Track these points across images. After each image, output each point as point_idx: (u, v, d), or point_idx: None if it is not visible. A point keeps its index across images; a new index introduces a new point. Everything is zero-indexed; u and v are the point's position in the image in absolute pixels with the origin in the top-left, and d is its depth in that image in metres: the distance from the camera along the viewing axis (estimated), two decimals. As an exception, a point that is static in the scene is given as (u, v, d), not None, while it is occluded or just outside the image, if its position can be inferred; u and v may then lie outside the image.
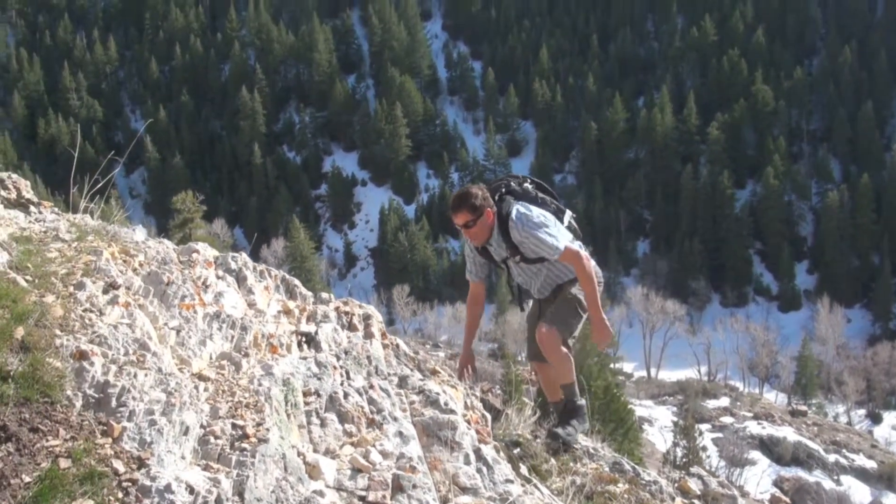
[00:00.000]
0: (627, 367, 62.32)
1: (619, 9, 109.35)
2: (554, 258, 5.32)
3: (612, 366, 33.88)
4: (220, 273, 4.12)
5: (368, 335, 4.44)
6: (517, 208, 5.37)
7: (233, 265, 4.28)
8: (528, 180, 5.81)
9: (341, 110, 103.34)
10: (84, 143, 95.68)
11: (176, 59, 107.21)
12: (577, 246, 5.37)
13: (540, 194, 5.75)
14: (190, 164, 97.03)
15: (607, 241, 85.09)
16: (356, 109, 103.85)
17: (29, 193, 6.01)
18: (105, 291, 3.50)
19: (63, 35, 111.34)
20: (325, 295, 4.72)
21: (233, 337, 3.69)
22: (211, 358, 3.56)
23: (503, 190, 5.61)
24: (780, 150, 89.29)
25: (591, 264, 5.37)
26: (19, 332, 3.01)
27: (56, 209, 5.78)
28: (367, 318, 4.58)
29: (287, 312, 4.24)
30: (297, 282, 4.59)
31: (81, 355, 3.04)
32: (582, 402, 5.72)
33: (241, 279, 4.20)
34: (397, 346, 4.63)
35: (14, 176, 6.15)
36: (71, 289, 3.45)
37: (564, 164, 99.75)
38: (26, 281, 3.46)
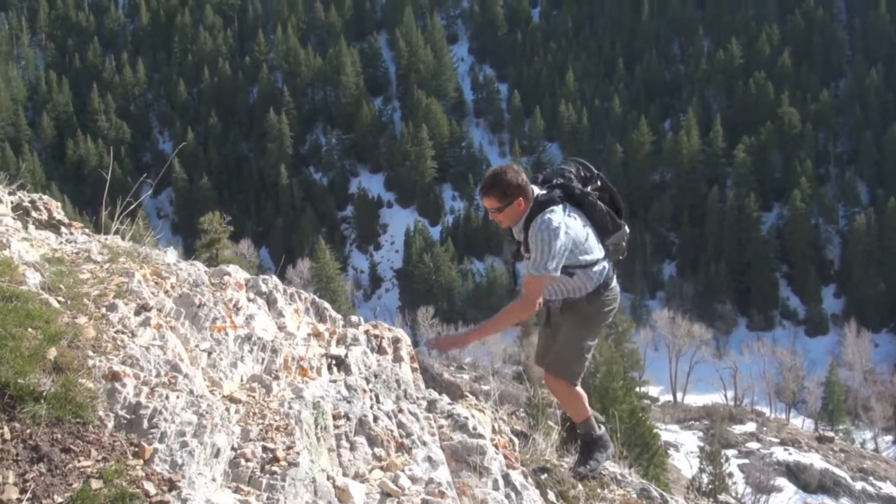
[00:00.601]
0: (653, 390, 61.85)
1: (645, 32, 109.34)
2: (527, 270, 4.92)
3: (637, 389, 33.71)
4: (251, 296, 4.14)
5: (398, 359, 4.44)
6: (553, 211, 4.91)
7: (263, 288, 4.30)
8: (599, 181, 5.36)
9: (368, 132, 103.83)
10: (112, 163, 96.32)
11: (204, 81, 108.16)
12: (542, 291, 4.89)
13: (601, 205, 5.30)
14: (217, 184, 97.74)
15: (633, 263, 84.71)
16: (382, 131, 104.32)
17: (60, 215, 6.07)
18: (137, 313, 3.52)
19: (92, 58, 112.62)
20: (354, 318, 4.72)
21: (263, 359, 3.70)
22: (242, 380, 3.57)
23: (560, 181, 5.18)
24: (806, 173, 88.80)
25: (520, 315, 4.95)
26: (52, 352, 3.03)
27: (87, 230, 5.83)
28: (396, 342, 4.58)
29: (317, 335, 4.25)
30: (326, 305, 4.60)
31: (114, 376, 3.06)
32: (601, 432, 5.47)
33: (271, 302, 4.22)
34: (425, 369, 4.62)
35: (45, 197, 6.21)
36: (103, 310, 3.47)
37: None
38: (59, 302, 3.49)
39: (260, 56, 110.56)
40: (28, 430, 2.80)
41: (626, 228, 5.46)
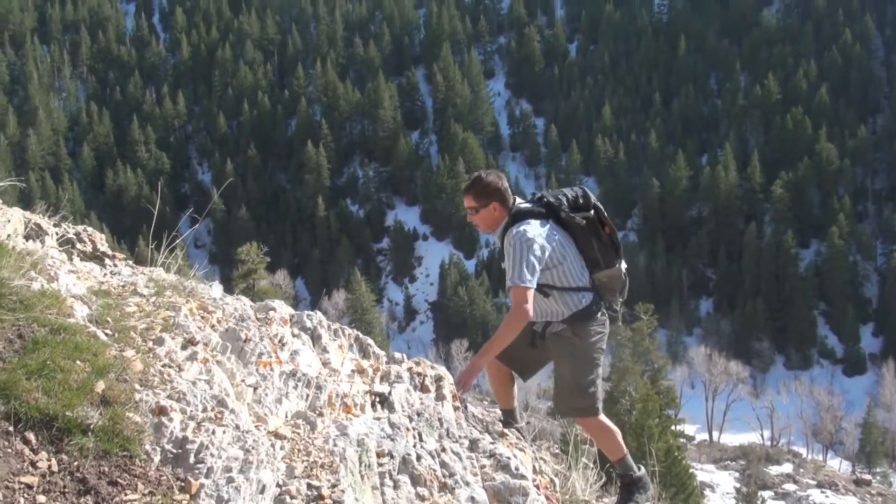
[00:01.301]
0: (689, 429, 61.06)
1: (681, 67, 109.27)
2: (507, 283, 4.81)
3: (673, 428, 33.39)
4: (296, 331, 4.16)
5: (440, 397, 4.44)
6: (529, 223, 4.87)
7: (308, 323, 4.32)
8: (592, 211, 5.18)
9: (404, 165, 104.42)
10: (151, 193, 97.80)
11: (244, 114, 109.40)
12: (528, 299, 4.70)
13: (591, 240, 5.15)
14: (255, 216, 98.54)
15: (670, 299, 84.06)
16: (419, 164, 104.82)
17: (104, 246, 6.15)
18: (184, 347, 3.55)
19: (133, 90, 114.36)
20: (398, 355, 4.72)
21: (308, 395, 3.71)
22: (287, 416, 3.58)
23: (542, 209, 5.04)
24: (844, 210, 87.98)
25: (522, 324, 4.78)
26: (100, 386, 3.06)
27: (130, 262, 5.90)
28: (438, 380, 4.58)
29: (361, 372, 4.26)
30: (370, 341, 4.61)
31: (161, 410, 3.08)
32: (640, 472, 5.23)
33: (315, 337, 4.24)
34: (466, 407, 4.61)
35: (89, 229, 6.30)
36: (150, 344, 3.51)
37: (627, 221, 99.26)
38: (106, 335, 3.53)
39: (299, 90, 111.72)
40: (75, 463, 2.82)
41: (623, 268, 5.27)
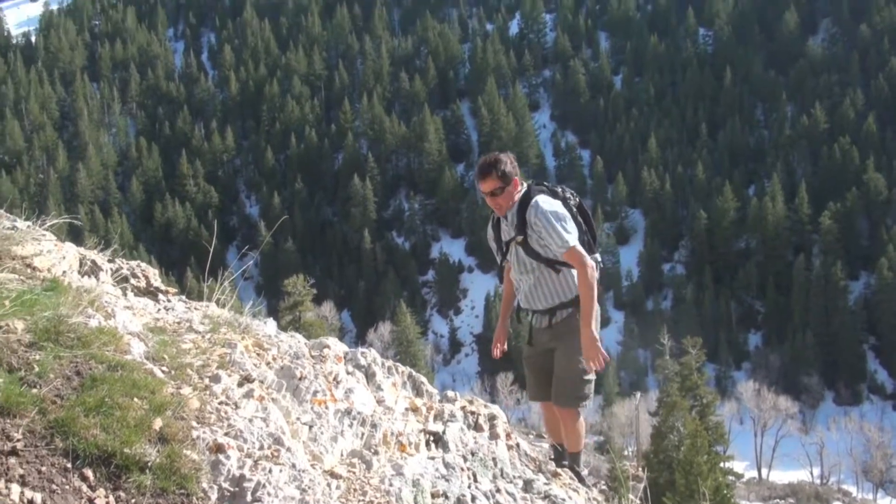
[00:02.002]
0: (738, 465, 60.07)
1: (727, 98, 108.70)
2: (560, 252, 5.03)
3: (722, 465, 32.90)
4: (350, 368, 4.17)
5: (494, 436, 4.41)
6: (544, 194, 5.23)
7: (362, 361, 4.33)
8: (578, 200, 5.50)
9: (450, 198, 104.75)
10: (199, 226, 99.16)
11: (291, 148, 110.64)
12: (585, 254, 5.04)
13: (578, 217, 5.40)
14: (301, 248, 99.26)
15: (718, 332, 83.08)
16: (464, 197, 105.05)
17: (157, 282, 6.21)
18: (240, 385, 3.57)
19: (182, 125, 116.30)
20: (450, 393, 4.72)
21: (363, 434, 3.71)
22: (342, 455, 3.58)
23: (543, 186, 5.40)
24: (894, 241, 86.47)
25: (596, 275, 5.05)
26: (157, 423, 3.08)
27: (183, 297, 5.95)
28: (492, 419, 4.56)
29: (414, 410, 4.25)
30: (423, 378, 4.61)
31: (218, 448, 3.09)
32: (584, 472, 5.48)
33: (370, 375, 4.24)
34: (518, 445, 4.58)
35: (142, 265, 6.37)
36: (207, 381, 3.53)
37: (674, 253, 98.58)
38: (163, 372, 3.55)
39: (346, 124, 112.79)
40: (133, 501, 2.84)
41: (599, 257, 5.39)
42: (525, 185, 5.28)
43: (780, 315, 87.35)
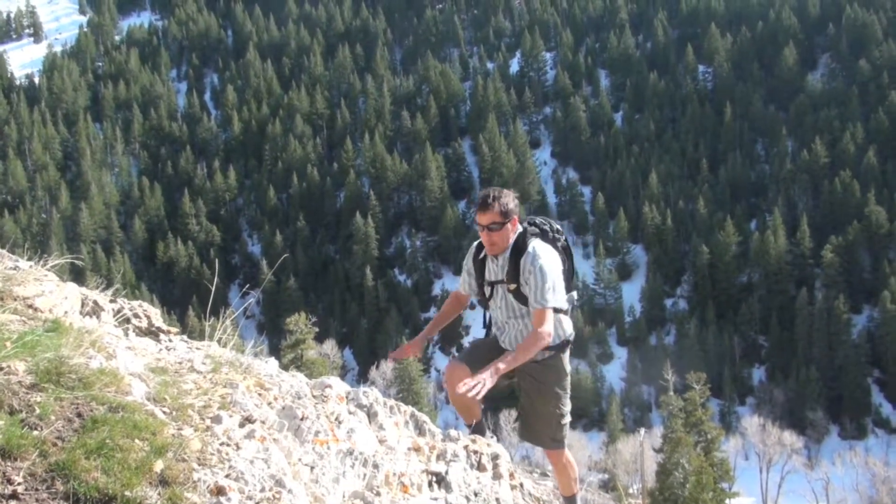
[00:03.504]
0: (744, 502, 59.72)
1: (728, 133, 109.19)
2: (534, 306, 4.87)
3: (728, 502, 32.70)
4: (352, 408, 4.15)
5: (497, 476, 4.38)
6: (540, 242, 5.07)
7: (364, 400, 4.31)
8: (563, 239, 5.39)
9: (451, 235, 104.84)
10: (201, 265, 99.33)
11: (293, 187, 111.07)
12: (552, 323, 4.90)
13: (563, 255, 5.31)
14: (303, 286, 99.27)
15: (721, 367, 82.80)
16: (466, 234, 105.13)
17: (158, 322, 6.22)
18: (241, 425, 3.55)
19: (185, 165, 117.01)
20: (453, 432, 4.69)
21: (365, 475, 3.68)
22: (344, 496, 3.55)
23: (535, 227, 5.26)
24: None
25: (545, 345, 4.88)
26: (159, 465, 3.06)
27: (185, 337, 5.95)
28: (495, 458, 4.53)
29: (417, 450, 4.22)
30: (425, 418, 4.58)
31: (219, 491, 3.07)
32: None
33: (372, 414, 4.22)
34: (521, 485, 4.55)
35: (144, 305, 6.38)
36: (208, 422, 3.51)
37: (676, 288, 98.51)
38: (164, 413, 3.54)
39: (347, 162, 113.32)
40: (134, 544, 2.82)
41: (575, 295, 5.41)
42: (521, 227, 5.14)
43: (783, 349, 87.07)
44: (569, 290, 5.23)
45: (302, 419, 3.80)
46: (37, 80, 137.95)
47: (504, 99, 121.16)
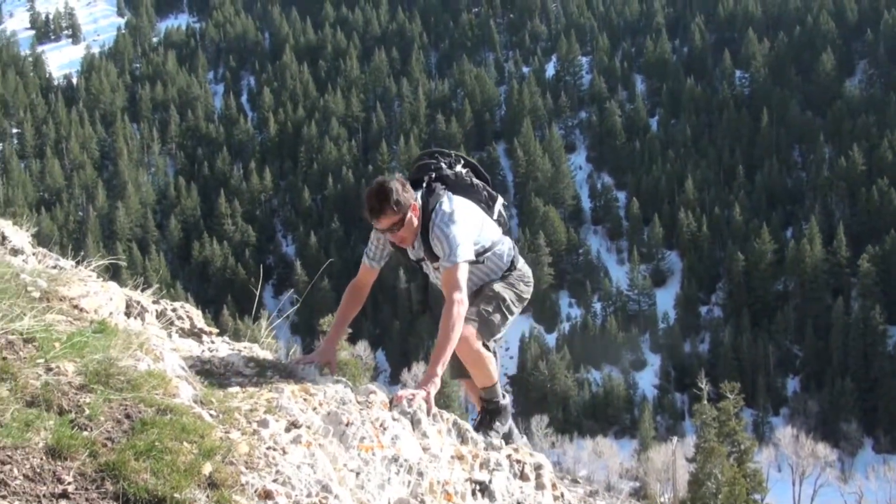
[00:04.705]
0: (778, 516, 59.00)
1: (764, 139, 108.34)
2: (444, 265, 4.62)
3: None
4: (396, 415, 4.16)
5: (540, 486, 4.37)
6: (441, 203, 4.68)
7: (407, 407, 4.33)
8: (461, 161, 5.18)
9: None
10: (236, 265, 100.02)
11: (328, 188, 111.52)
12: (465, 276, 4.60)
13: (475, 180, 5.15)
14: (337, 287, 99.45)
15: (756, 377, 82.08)
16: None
17: (201, 323, 6.27)
18: (287, 430, 3.58)
19: (221, 166, 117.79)
20: (496, 441, 4.69)
21: (409, 482, 3.70)
22: (389, 503, 3.57)
23: (433, 174, 4.93)
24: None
25: (462, 312, 4.60)
26: (207, 468, 3.09)
27: (227, 339, 6.00)
28: (538, 468, 4.52)
29: (460, 458, 4.23)
30: (468, 426, 4.59)
31: (267, 495, 3.09)
32: (505, 401, 5.17)
33: (415, 422, 4.23)
34: (563, 495, 4.54)
35: (186, 306, 6.43)
36: (255, 426, 3.54)
37: (711, 295, 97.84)
38: (211, 416, 3.58)
39: (382, 164, 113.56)
40: (183, 546, 2.85)
41: (501, 198, 5.25)
42: (418, 197, 4.74)
43: (818, 360, 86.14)
44: (491, 207, 5.10)
45: (347, 425, 3.82)
46: (75, 80, 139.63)
47: (539, 103, 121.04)
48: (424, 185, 4.84)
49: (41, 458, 2.91)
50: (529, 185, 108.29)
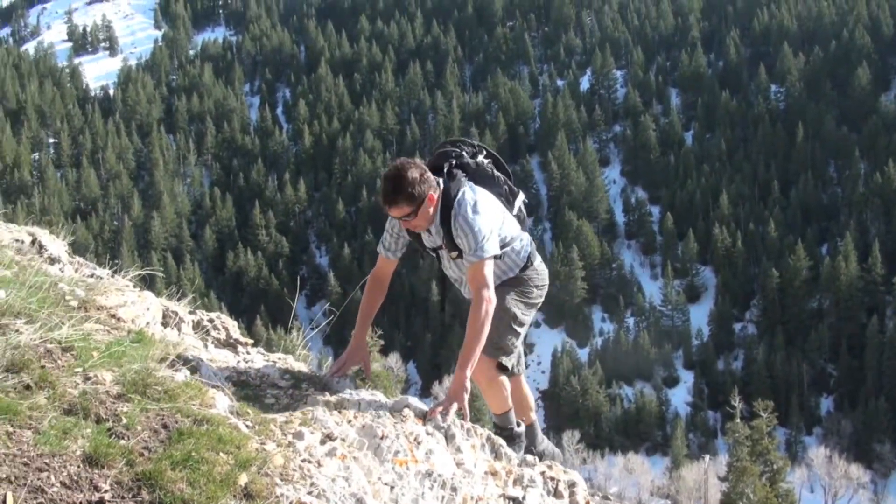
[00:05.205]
0: (812, 538, 58.30)
1: (799, 154, 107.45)
2: (469, 260, 4.45)
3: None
4: (430, 429, 4.16)
5: (573, 503, 4.35)
6: (464, 192, 4.53)
7: (442, 422, 4.32)
8: (483, 151, 4.97)
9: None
10: (270, 275, 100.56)
11: (362, 200, 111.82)
12: (491, 271, 4.46)
13: (496, 172, 4.95)
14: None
15: (789, 395, 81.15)
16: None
17: (236, 334, 6.31)
18: (322, 442, 3.59)
19: (256, 177, 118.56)
20: (529, 458, 4.65)
21: (443, 497, 3.69)
22: (423, 517, 3.57)
23: (454, 161, 4.76)
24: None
25: (491, 311, 4.40)
26: (243, 479, 3.11)
27: (261, 349, 6.03)
28: (572, 486, 4.49)
29: (493, 474, 4.21)
30: (501, 441, 4.57)
31: (301, 507, 3.11)
32: (520, 429, 5.04)
33: (449, 436, 4.22)
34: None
35: (222, 316, 6.48)
36: (290, 437, 3.56)
37: (745, 312, 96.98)
38: (247, 427, 3.60)
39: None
40: (218, 556, 2.86)
41: (522, 194, 5.13)
42: (440, 183, 4.59)
43: (852, 379, 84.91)
44: (511, 202, 4.98)
45: (381, 438, 3.83)
46: (111, 91, 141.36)
47: (574, 116, 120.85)
48: (445, 171, 4.69)
49: (78, 466, 2.94)
50: (563, 198, 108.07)
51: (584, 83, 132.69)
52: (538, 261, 4.98)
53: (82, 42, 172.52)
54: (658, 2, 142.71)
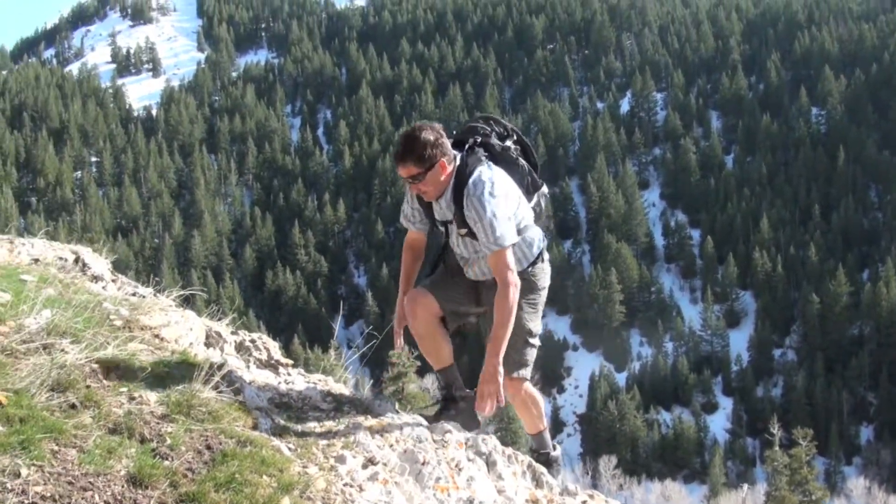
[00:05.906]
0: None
1: (841, 178, 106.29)
2: (490, 248, 4.31)
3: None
4: (471, 455, 4.15)
5: (615, 532, 4.32)
6: (482, 171, 4.39)
7: (483, 448, 4.30)
8: (514, 137, 4.80)
9: (556, 274, 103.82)
10: (308, 294, 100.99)
11: (401, 222, 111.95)
12: (513, 260, 4.38)
13: (521, 160, 4.73)
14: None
15: (829, 424, 79.77)
16: (571, 273, 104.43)
17: (277, 354, 6.34)
18: (364, 466, 3.60)
19: (296, 197, 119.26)
20: (571, 486, 4.62)
21: (485, 524, 3.69)
22: (464, 544, 3.56)
23: (478, 139, 4.62)
24: None
25: (517, 295, 4.33)
26: (285, 502, 3.12)
27: (302, 371, 6.05)
28: (612, 514, 4.47)
29: (534, 502, 4.19)
30: (543, 469, 4.54)
31: (343, 531, 3.11)
32: (556, 453, 4.95)
33: (490, 463, 4.21)
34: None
35: (264, 337, 6.52)
36: (332, 461, 3.57)
37: (784, 338, 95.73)
38: (289, 449, 3.61)
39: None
40: (260, 579, 2.87)
41: (545, 187, 4.89)
42: (458, 157, 4.49)
43: (893, 408, 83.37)
44: (535, 187, 4.80)
45: (423, 464, 3.82)
46: (154, 112, 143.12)
47: (613, 139, 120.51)
48: (466, 147, 4.58)
49: (122, 486, 2.96)
50: (602, 221, 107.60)
51: (624, 105, 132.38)
52: (547, 258, 5.00)
53: (126, 63, 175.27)
54: (699, 25, 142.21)
